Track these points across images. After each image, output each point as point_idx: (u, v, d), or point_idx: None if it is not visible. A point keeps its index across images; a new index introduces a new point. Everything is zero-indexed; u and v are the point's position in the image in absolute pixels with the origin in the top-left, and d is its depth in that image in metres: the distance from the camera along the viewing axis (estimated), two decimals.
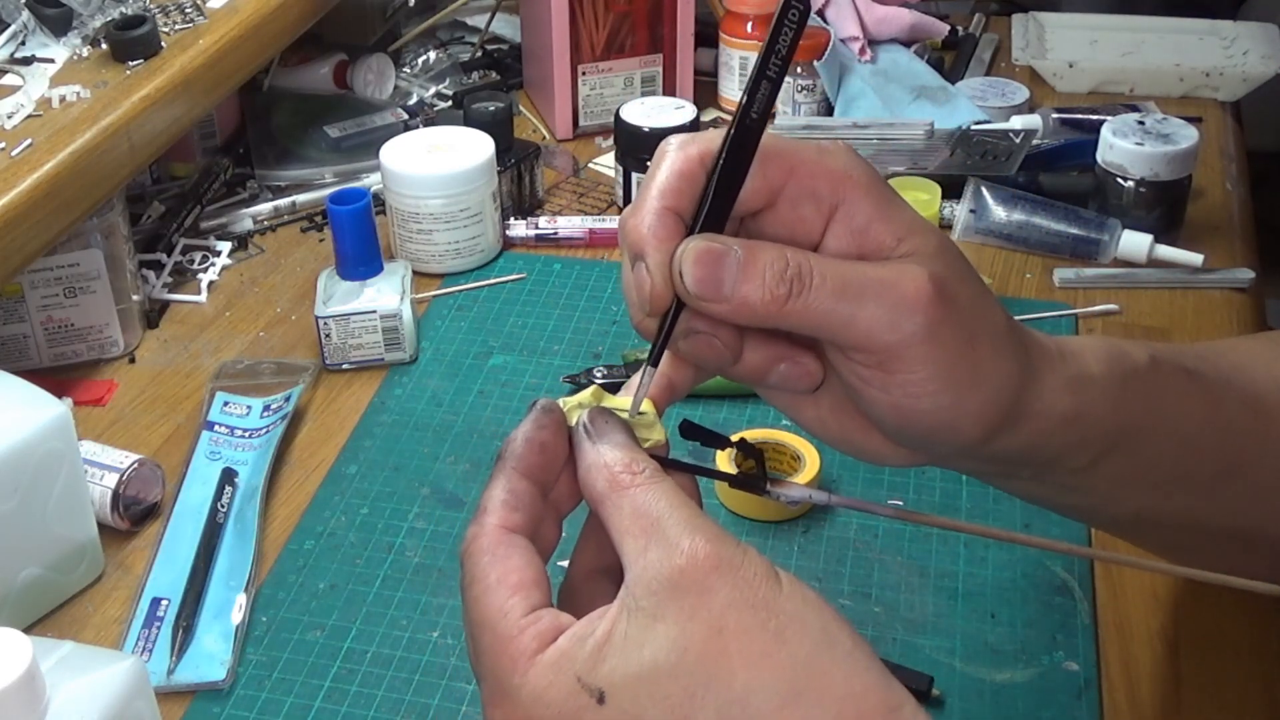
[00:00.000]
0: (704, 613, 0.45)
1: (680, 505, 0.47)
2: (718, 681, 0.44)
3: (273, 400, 0.94)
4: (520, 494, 0.50)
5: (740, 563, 0.46)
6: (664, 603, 0.45)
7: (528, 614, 0.47)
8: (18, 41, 1.03)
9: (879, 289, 0.50)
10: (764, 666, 0.44)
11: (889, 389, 0.51)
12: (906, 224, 0.52)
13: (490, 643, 0.47)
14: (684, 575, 0.45)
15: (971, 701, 0.72)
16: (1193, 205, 1.12)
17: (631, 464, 0.49)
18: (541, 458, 0.50)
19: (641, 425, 0.52)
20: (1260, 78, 1.33)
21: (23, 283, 0.96)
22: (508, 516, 0.49)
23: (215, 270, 1.11)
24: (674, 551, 0.45)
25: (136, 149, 0.98)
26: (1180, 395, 0.60)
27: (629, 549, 0.47)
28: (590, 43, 1.27)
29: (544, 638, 0.46)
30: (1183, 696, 0.72)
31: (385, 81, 1.35)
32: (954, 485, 0.86)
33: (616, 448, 0.49)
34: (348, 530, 0.85)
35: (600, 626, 0.46)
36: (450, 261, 1.09)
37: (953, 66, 1.39)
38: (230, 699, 0.74)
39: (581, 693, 0.45)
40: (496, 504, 0.49)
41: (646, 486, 0.48)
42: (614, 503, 0.48)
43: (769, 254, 0.49)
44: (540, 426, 0.51)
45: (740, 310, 0.50)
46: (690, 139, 0.51)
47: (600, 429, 0.50)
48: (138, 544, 0.84)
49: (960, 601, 0.78)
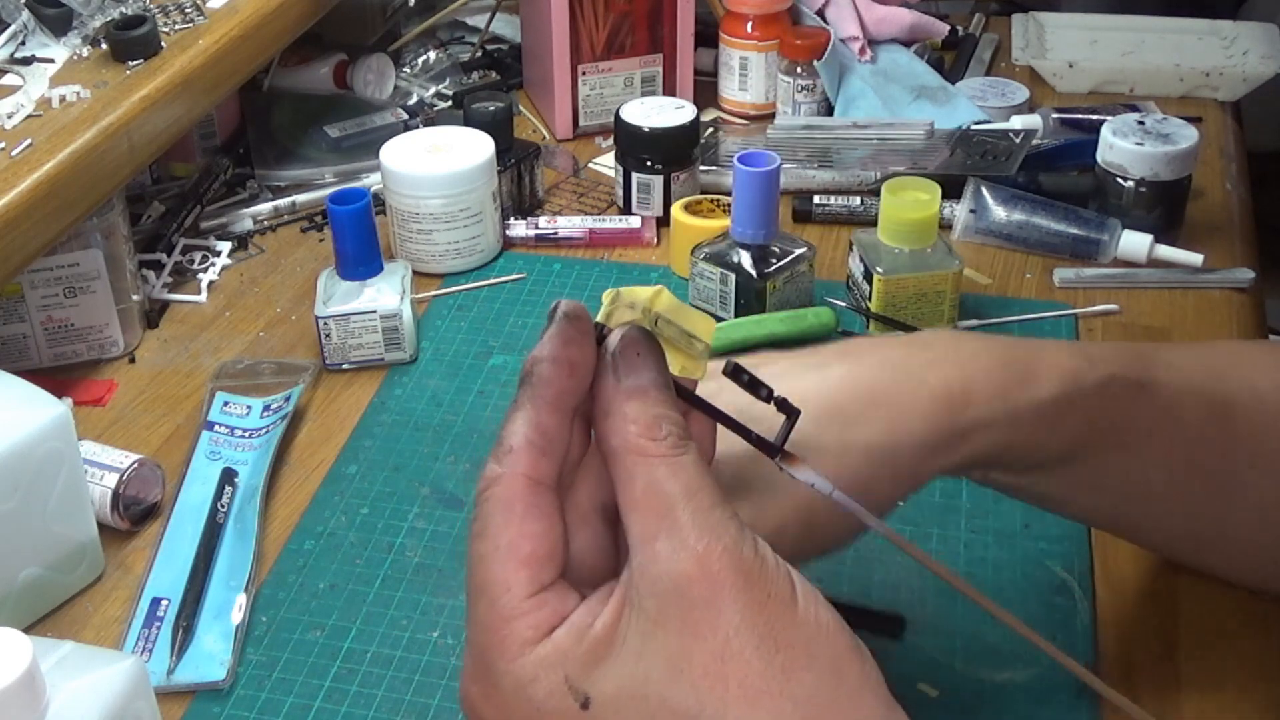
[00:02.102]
0: (708, 633, 0.42)
1: (698, 490, 0.43)
2: (710, 711, 0.42)
3: (273, 400, 0.94)
4: (549, 432, 0.45)
5: (758, 575, 0.43)
6: (667, 609, 0.42)
7: (532, 595, 0.44)
8: (18, 41, 1.03)
9: None
10: (761, 704, 0.42)
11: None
12: None
13: (485, 615, 0.44)
14: (693, 585, 0.42)
15: (971, 701, 0.72)
16: (1193, 205, 1.12)
17: (653, 426, 0.44)
18: (572, 380, 0.45)
19: (687, 355, 0.47)
20: (1260, 78, 1.33)
21: (23, 283, 0.96)
22: (535, 463, 0.45)
23: (215, 270, 1.11)
24: (684, 551, 0.42)
25: (136, 149, 0.98)
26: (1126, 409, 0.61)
27: (636, 528, 0.44)
28: (590, 43, 1.27)
29: (541, 628, 0.44)
30: (1183, 696, 0.72)
31: (385, 81, 1.35)
32: (954, 485, 0.86)
33: (641, 397, 0.44)
34: (348, 530, 0.85)
35: (601, 620, 0.43)
36: (450, 261, 1.09)
37: (953, 66, 1.39)
38: (230, 699, 0.74)
39: (566, 694, 0.43)
40: (522, 444, 0.44)
41: (665, 460, 0.44)
42: (626, 468, 0.44)
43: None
44: (567, 341, 0.45)
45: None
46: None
47: (630, 364, 0.45)
48: (138, 544, 0.84)
49: (960, 601, 0.78)
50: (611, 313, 0.46)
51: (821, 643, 0.43)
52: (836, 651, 0.43)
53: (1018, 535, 0.82)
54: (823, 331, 0.99)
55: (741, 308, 1.00)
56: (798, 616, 0.43)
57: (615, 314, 0.46)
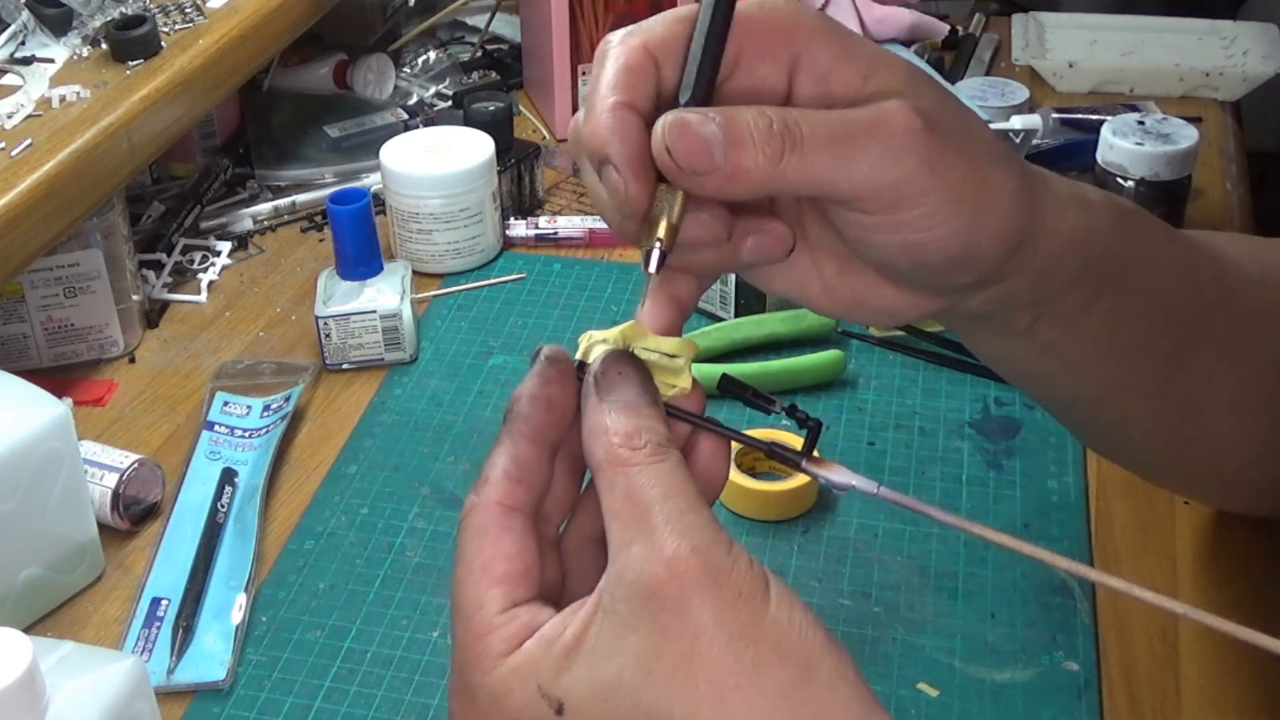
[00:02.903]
0: (677, 633, 0.42)
1: (675, 493, 0.44)
2: (681, 709, 0.42)
3: (273, 400, 0.94)
4: (525, 463, 0.46)
5: (727, 575, 0.43)
6: (638, 611, 0.43)
7: (503, 611, 0.45)
8: (18, 41, 1.03)
9: (868, 130, 0.47)
10: (731, 700, 0.42)
11: (898, 229, 0.48)
12: (868, 59, 0.49)
13: (461, 634, 0.45)
14: (662, 586, 0.42)
15: (971, 701, 0.72)
16: (1193, 205, 1.12)
17: (633, 436, 0.45)
18: (550, 416, 0.47)
19: (668, 370, 0.48)
20: (1260, 78, 1.33)
21: (23, 283, 0.96)
22: (509, 491, 0.46)
23: (215, 270, 1.11)
24: (656, 554, 0.43)
25: (136, 149, 0.98)
26: (1163, 245, 0.60)
27: (615, 535, 0.44)
28: (590, 43, 1.27)
29: (513, 640, 0.44)
30: (1183, 696, 0.72)
31: (385, 81, 1.35)
32: (954, 485, 0.86)
33: (622, 411, 0.46)
34: (348, 530, 0.85)
35: (571, 629, 0.44)
36: (450, 261, 1.09)
37: (953, 66, 1.39)
38: (230, 699, 0.74)
39: (540, 702, 0.43)
40: (498, 475, 0.46)
41: (643, 466, 0.44)
42: (608, 479, 0.45)
43: (746, 114, 0.46)
44: (546, 381, 0.47)
45: (734, 177, 0.46)
46: (629, 31, 0.48)
47: (610, 383, 0.46)
48: (138, 544, 0.84)
49: (960, 601, 0.78)
50: (589, 350, 0.48)
51: (793, 639, 0.43)
52: (809, 648, 0.43)
53: (1018, 535, 0.82)
54: (823, 331, 0.99)
55: (741, 308, 1.00)
56: (769, 614, 0.43)
57: (593, 351, 0.48)
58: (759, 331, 0.98)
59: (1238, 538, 0.81)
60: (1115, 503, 0.84)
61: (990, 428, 0.91)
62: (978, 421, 0.92)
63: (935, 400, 0.94)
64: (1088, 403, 0.65)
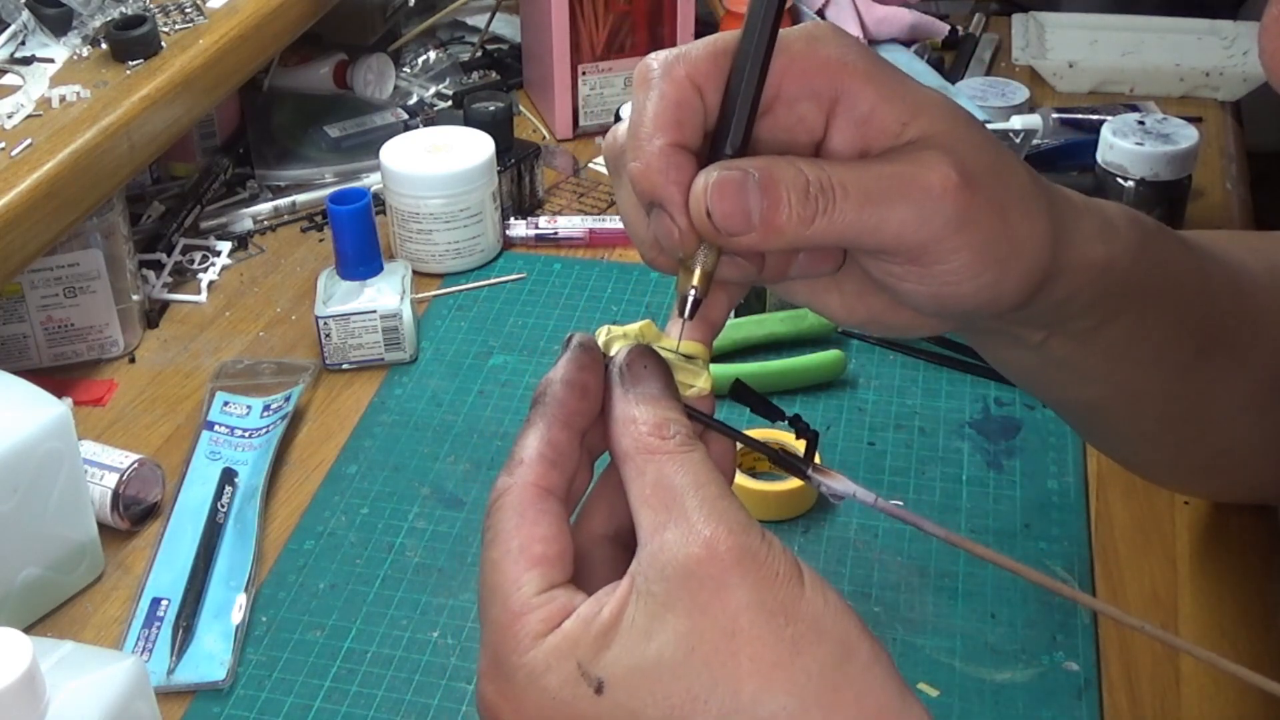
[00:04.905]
0: (718, 611, 0.43)
1: (706, 482, 0.45)
2: (724, 687, 0.42)
3: (273, 400, 0.94)
4: (559, 446, 0.47)
5: (763, 558, 0.43)
6: (676, 591, 0.43)
7: (541, 592, 0.45)
8: (18, 41, 1.03)
9: (903, 188, 0.47)
10: (775, 677, 0.42)
11: (926, 281, 0.49)
12: (911, 105, 0.49)
13: (497, 614, 0.45)
14: (701, 566, 0.43)
15: (971, 701, 0.72)
16: (1193, 205, 1.12)
17: (662, 426, 0.46)
18: (583, 402, 0.47)
19: (687, 370, 0.49)
20: (1260, 78, 1.33)
21: (23, 283, 0.96)
22: (545, 473, 0.46)
23: (215, 270, 1.11)
24: (693, 537, 0.43)
25: (136, 149, 0.98)
26: (1181, 262, 0.60)
27: (645, 521, 0.45)
28: (590, 43, 1.27)
29: (550, 621, 0.44)
30: (1183, 696, 0.72)
31: (385, 81, 1.35)
32: (954, 485, 0.86)
33: (649, 402, 0.47)
34: (348, 530, 0.85)
35: (608, 607, 0.44)
36: (450, 261, 1.09)
37: (953, 66, 1.39)
38: (230, 699, 0.74)
39: (580, 681, 0.43)
40: (534, 457, 0.47)
41: (674, 455, 0.45)
42: (637, 467, 0.46)
43: (787, 173, 0.47)
44: (581, 367, 0.47)
45: (766, 238, 0.47)
46: (673, 59, 0.48)
47: (636, 375, 0.47)
48: (138, 544, 0.84)
49: (960, 601, 0.78)
50: (609, 344, 0.49)
51: (830, 620, 0.43)
52: (846, 629, 0.43)
53: (1018, 535, 0.82)
54: (823, 331, 0.99)
55: (741, 308, 1.00)
56: (805, 594, 0.43)
57: (612, 344, 0.49)
58: (759, 331, 0.98)
59: (1237, 537, 0.82)
60: (1115, 502, 0.84)
61: (990, 428, 0.91)
62: (978, 421, 0.92)
63: (935, 400, 0.94)
64: (1098, 408, 0.65)
